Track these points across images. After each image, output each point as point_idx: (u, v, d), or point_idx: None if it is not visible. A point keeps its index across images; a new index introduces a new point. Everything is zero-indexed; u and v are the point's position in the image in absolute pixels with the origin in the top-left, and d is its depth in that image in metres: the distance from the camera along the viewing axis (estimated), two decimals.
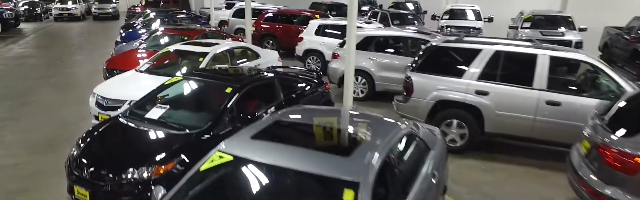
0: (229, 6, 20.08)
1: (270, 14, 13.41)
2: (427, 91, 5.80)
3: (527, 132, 5.41)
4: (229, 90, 4.71)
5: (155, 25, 14.20)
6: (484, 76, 5.55)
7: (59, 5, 25.66)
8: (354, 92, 8.37)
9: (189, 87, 5.20)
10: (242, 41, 11.11)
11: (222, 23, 17.79)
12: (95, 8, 26.53)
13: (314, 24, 10.72)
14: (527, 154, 5.87)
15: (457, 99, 5.62)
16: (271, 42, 13.14)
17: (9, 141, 6.36)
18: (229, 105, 4.52)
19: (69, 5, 25.71)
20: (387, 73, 8.03)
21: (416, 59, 6.12)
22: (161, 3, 22.54)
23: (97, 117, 6.29)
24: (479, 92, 5.52)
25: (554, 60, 5.37)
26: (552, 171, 5.35)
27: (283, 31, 12.92)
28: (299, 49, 10.76)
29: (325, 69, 10.36)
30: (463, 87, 5.60)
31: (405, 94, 6.06)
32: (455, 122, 5.71)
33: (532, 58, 5.37)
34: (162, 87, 5.18)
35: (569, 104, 5.16)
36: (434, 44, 6.00)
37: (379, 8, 19.90)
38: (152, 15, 16.41)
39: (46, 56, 13.72)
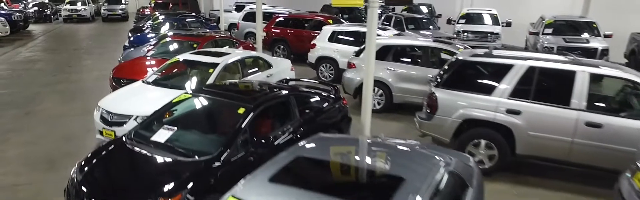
0: (238, 8, 19.77)
1: (282, 18, 13.04)
2: (453, 109, 5.39)
3: (564, 155, 4.98)
4: (241, 110, 4.35)
5: (164, 28, 13.94)
6: (516, 94, 5.12)
7: (68, 6, 25.56)
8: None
9: (198, 105, 4.85)
10: (253, 47, 10.79)
11: (232, 26, 17.47)
12: (104, 9, 26.41)
13: (327, 30, 10.33)
14: (561, 176, 5.43)
15: (486, 118, 5.20)
16: (282, 47, 12.78)
17: (10, 157, 6.07)
18: (241, 128, 4.16)
19: (79, 6, 25.61)
20: (405, 84, 7.62)
21: (441, 73, 5.71)
22: (170, 5, 22.28)
23: (101, 133, 5.98)
24: (511, 111, 5.10)
25: (594, 78, 4.93)
26: (590, 197, 4.94)
27: (294, 36, 12.55)
28: (312, 56, 10.39)
29: (339, 77, 10.01)
30: (493, 105, 5.19)
31: (428, 111, 5.65)
32: (483, 142, 5.30)
33: (570, 75, 4.93)
34: (170, 105, 4.84)
35: (611, 126, 4.73)
36: (460, 58, 5.58)
37: (392, 12, 19.45)
38: (161, 18, 16.14)
39: (54, 60, 13.49)
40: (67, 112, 8.05)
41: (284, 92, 5.01)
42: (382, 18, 15.84)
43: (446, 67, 5.72)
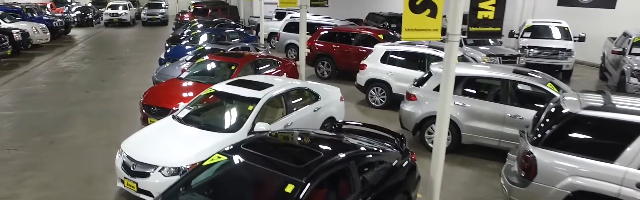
0: (278, 15, 18.90)
1: (326, 32, 11.97)
2: (557, 176, 4.17)
3: None
4: (289, 188, 3.31)
5: (203, 39, 13.23)
6: None
7: (109, 10, 25.55)
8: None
9: (234, 173, 3.85)
10: (296, 65, 9.81)
11: (272, 35, 16.61)
12: (144, 13, 26.27)
13: (379, 49, 9.17)
14: None
15: (607, 192, 3.96)
16: (326, 63, 11.72)
17: None
18: None
19: (120, 10, 25.54)
20: (477, 123, 6.40)
21: (541, 127, 4.47)
22: (209, 11, 21.69)
23: (123, 181, 5.12)
24: None
25: None
26: None
27: (340, 51, 11.46)
28: (361, 78, 9.26)
29: (392, 103, 8.88)
30: (617, 175, 3.93)
31: (523, 175, 4.44)
32: None
33: None
34: (199, 169, 3.86)
35: None
36: (569, 110, 4.32)
37: (445, 17, 18.00)
38: (199, 28, 15.49)
39: (88, 72, 13.01)
40: (92, 142, 7.32)
41: (343, 155, 3.90)
42: None
43: (548, 119, 4.48)
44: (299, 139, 4.55)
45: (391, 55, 9.03)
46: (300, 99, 6.55)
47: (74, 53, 16.55)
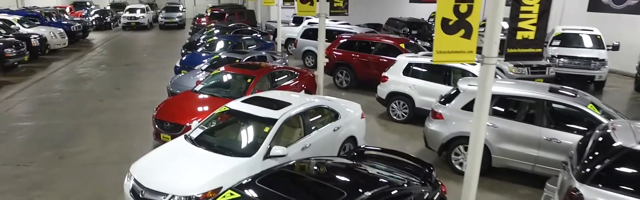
0: (296, 20, 18.58)
1: (345, 40, 11.58)
2: None
3: None
4: None
5: (219, 46, 12.99)
6: None
7: (127, 14, 25.63)
8: (461, 164, 6.38)
9: None
10: (314, 75, 9.45)
11: (289, 41, 16.31)
12: (161, 17, 26.31)
13: (402, 61, 8.74)
14: None
15: None
16: (345, 72, 11.34)
17: None
18: None
19: (137, 14, 25.60)
20: (509, 145, 5.94)
21: (589, 160, 4.01)
22: (226, 15, 21.49)
23: None
24: None
25: None
26: None
27: (359, 61, 11.06)
28: (382, 91, 8.85)
29: (415, 117, 8.46)
30: None
31: None
32: None
33: None
34: None
35: None
36: (622, 144, 3.86)
37: None
38: (215, 34, 15.27)
39: (104, 79, 12.88)
40: (103, 157, 7.08)
41: (369, 194, 3.50)
42: None
43: (595, 151, 4.02)
44: (318, 171, 4.17)
45: (414, 68, 8.60)
46: (319, 117, 6.18)
47: (91, 58, 16.50)
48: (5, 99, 10.58)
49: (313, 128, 5.87)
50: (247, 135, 5.57)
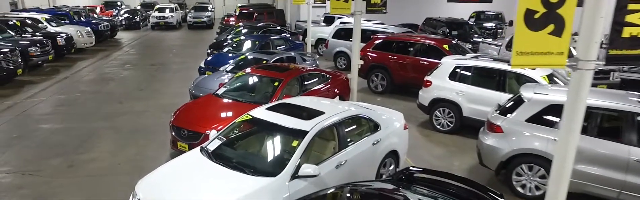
0: (327, 20, 17.77)
1: (381, 40, 10.66)
2: None
3: None
4: None
5: (246, 46, 12.32)
6: None
7: (156, 13, 25.46)
8: (524, 186, 5.39)
9: None
10: (347, 79, 8.58)
11: (320, 42, 15.50)
12: (190, 17, 26.06)
13: (448, 64, 7.75)
14: None
15: None
16: (380, 75, 10.42)
17: None
18: None
19: (166, 13, 25.40)
20: (589, 167, 4.92)
21: None
22: (255, 14, 20.90)
23: None
24: None
25: None
26: None
27: (396, 63, 10.12)
28: (425, 97, 7.89)
29: (463, 127, 7.48)
30: None
31: None
32: None
33: None
34: None
35: None
36: None
37: (510, 25, 16.20)
38: (243, 33, 14.64)
39: (127, 80, 12.40)
40: (114, 167, 6.44)
41: None
42: (502, 35, 12.85)
43: None
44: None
45: (462, 71, 7.60)
46: (356, 128, 5.31)
47: (116, 58, 16.14)
48: (25, 99, 10.18)
49: (349, 141, 5.00)
50: (272, 149, 4.75)
